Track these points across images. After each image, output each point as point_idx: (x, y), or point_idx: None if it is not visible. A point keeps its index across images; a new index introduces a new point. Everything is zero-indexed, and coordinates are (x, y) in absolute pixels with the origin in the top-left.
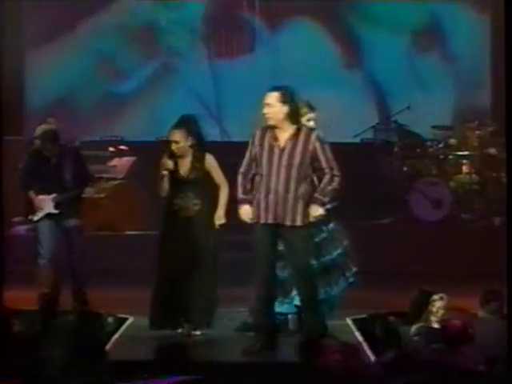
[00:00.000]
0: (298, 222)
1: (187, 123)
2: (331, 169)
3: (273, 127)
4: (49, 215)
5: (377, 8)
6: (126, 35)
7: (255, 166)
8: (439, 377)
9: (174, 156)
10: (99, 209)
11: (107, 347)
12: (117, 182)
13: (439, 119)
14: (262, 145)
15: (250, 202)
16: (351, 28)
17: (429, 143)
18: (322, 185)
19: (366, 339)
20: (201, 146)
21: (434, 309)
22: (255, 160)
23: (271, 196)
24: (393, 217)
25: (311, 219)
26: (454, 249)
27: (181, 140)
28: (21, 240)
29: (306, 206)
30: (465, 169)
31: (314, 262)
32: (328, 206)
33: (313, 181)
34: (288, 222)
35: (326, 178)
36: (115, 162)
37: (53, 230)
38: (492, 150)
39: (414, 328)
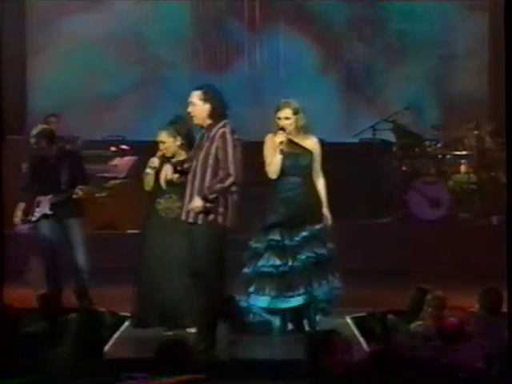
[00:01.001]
0: (199, 221)
1: (174, 123)
2: (227, 168)
3: (201, 126)
4: (46, 215)
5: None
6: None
7: None
8: (437, 374)
9: (164, 157)
10: (101, 208)
11: (108, 345)
12: (118, 181)
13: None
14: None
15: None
16: (329, 30)
17: (427, 143)
18: (214, 180)
19: (365, 337)
20: (191, 147)
21: (432, 307)
22: None
23: (185, 193)
24: (391, 216)
25: (188, 209)
26: (452, 247)
27: (167, 140)
28: (22, 239)
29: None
30: (463, 168)
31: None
32: (208, 205)
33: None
34: (190, 220)
35: (220, 175)
36: (116, 161)
37: (52, 229)
38: (490, 150)
39: (412, 326)
